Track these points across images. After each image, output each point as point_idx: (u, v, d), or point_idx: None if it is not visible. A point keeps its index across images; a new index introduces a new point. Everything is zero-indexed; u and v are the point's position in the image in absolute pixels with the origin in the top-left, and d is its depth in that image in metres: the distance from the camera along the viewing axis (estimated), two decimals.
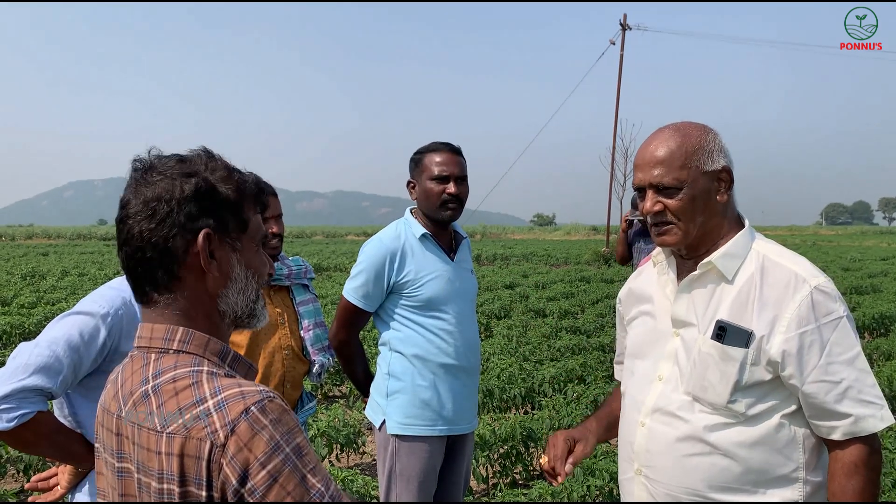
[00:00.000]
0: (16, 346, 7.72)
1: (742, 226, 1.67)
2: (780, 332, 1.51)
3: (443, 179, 2.56)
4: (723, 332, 1.54)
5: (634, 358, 1.77)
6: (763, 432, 1.54)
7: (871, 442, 1.51)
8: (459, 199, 2.59)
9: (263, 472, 0.96)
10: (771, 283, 1.55)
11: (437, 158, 2.58)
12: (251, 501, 0.96)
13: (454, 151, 2.61)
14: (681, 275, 1.70)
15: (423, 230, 2.60)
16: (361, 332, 7.29)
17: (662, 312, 1.71)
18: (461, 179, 2.59)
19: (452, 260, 2.64)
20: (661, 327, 1.71)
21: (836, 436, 1.51)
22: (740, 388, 1.53)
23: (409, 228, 2.62)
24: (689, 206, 1.59)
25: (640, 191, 1.66)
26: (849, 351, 1.51)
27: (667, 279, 1.73)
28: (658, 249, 1.76)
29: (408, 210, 2.73)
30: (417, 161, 2.64)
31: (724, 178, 1.62)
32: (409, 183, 2.68)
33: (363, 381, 2.72)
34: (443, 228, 2.66)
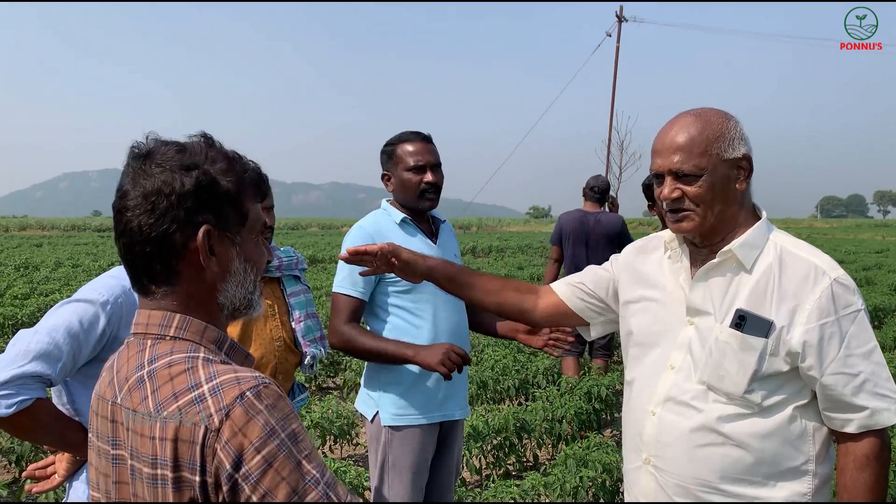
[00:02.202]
0: (9, 337, 7.67)
1: (758, 217, 1.66)
2: (801, 323, 1.50)
3: (419, 169, 2.55)
4: (742, 321, 1.53)
5: (642, 346, 1.75)
6: (776, 424, 1.54)
7: (882, 436, 1.52)
8: (437, 187, 2.59)
9: (258, 457, 0.95)
10: (790, 274, 1.54)
11: (411, 148, 2.57)
12: (246, 487, 0.95)
13: (426, 140, 2.61)
14: (694, 263, 1.68)
15: (403, 214, 2.60)
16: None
17: (674, 301, 1.69)
18: (436, 167, 2.59)
19: (435, 244, 2.64)
20: (672, 316, 1.68)
21: (850, 428, 1.51)
22: (758, 378, 1.53)
23: (388, 216, 2.63)
24: (709, 194, 1.57)
25: (659, 177, 1.64)
26: (866, 344, 1.51)
27: (680, 267, 1.71)
28: (671, 236, 1.74)
29: (384, 200, 2.72)
30: (390, 153, 2.63)
31: (744, 165, 1.60)
32: (383, 176, 2.67)
33: (392, 346, 2.46)
34: (421, 215, 2.66)
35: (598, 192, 5.68)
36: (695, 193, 1.57)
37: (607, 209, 5.85)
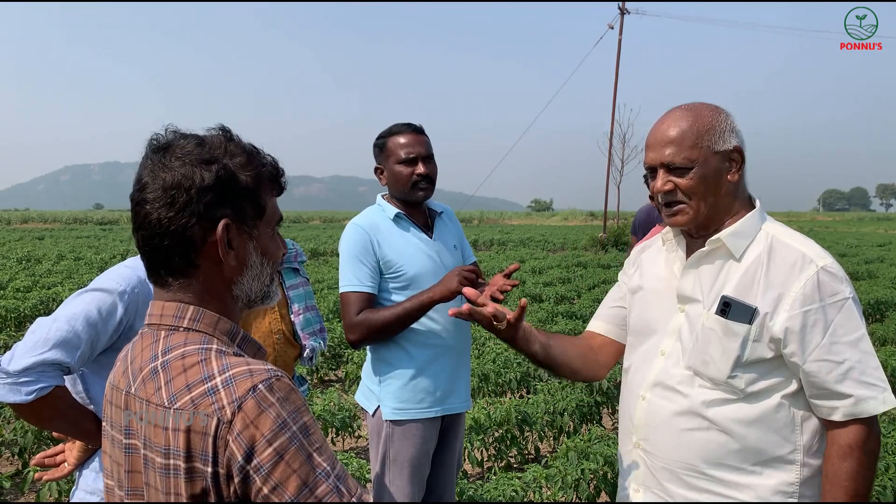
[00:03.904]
0: (11, 330, 7.66)
1: (752, 206, 1.67)
2: (784, 309, 1.52)
3: (410, 161, 2.54)
4: (727, 308, 1.55)
5: (639, 334, 1.78)
6: (761, 411, 1.55)
7: (869, 424, 1.51)
8: (430, 179, 2.57)
9: (270, 450, 0.96)
10: (778, 262, 1.56)
11: (402, 140, 2.56)
12: (257, 478, 0.96)
13: (417, 131, 2.59)
14: (689, 253, 1.70)
15: (397, 210, 2.58)
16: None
17: (669, 289, 1.72)
18: (428, 158, 2.57)
19: (431, 237, 2.63)
20: (666, 304, 1.71)
21: (836, 416, 1.51)
22: (741, 363, 1.54)
23: (382, 211, 2.61)
24: (700, 186, 1.59)
25: (651, 171, 1.66)
26: (853, 332, 1.51)
27: (675, 256, 1.73)
28: (667, 228, 1.76)
29: (379, 196, 2.71)
30: (381, 146, 2.61)
31: (736, 157, 1.62)
32: (376, 169, 2.65)
33: (409, 304, 2.42)
34: (416, 208, 2.64)
35: None
36: (687, 185, 1.60)
37: None
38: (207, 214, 1.07)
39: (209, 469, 0.98)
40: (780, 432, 1.55)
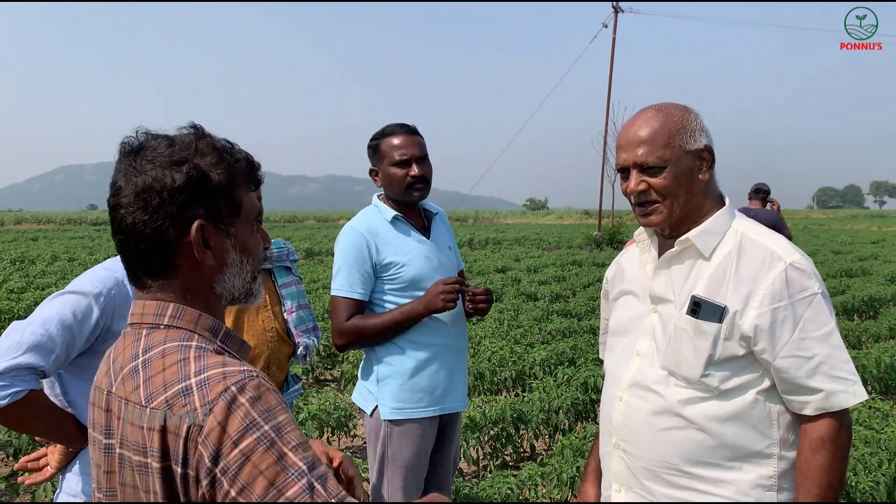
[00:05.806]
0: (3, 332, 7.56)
1: (723, 204, 1.69)
2: (754, 307, 1.53)
3: (404, 163, 2.53)
4: (697, 308, 1.57)
5: (615, 335, 1.80)
6: (737, 407, 1.56)
7: (840, 418, 1.53)
8: (424, 180, 2.56)
9: (236, 451, 0.95)
10: (747, 260, 1.57)
11: (395, 142, 2.55)
12: (224, 481, 0.96)
13: (410, 132, 2.58)
14: (662, 253, 1.72)
15: (394, 212, 2.58)
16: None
17: (643, 290, 1.73)
18: (422, 159, 2.56)
19: (428, 238, 2.63)
20: (641, 305, 1.73)
21: (807, 410, 1.53)
22: (713, 362, 1.56)
23: (379, 213, 2.61)
24: (673, 185, 1.60)
25: (624, 171, 1.68)
26: (822, 327, 1.52)
27: (648, 257, 1.75)
28: (640, 228, 1.78)
29: (375, 196, 2.71)
30: (375, 148, 2.61)
31: (706, 156, 1.64)
32: (371, 171, 2.65)
33: (399, 314, 2.48)
34: (412, 209, 2.64)
35: (762, 193, 7.17)
36: (660, 185, 1.61)
37: (768, 208, 7.21)
38: (181, 216, 1.07)
39: (179, 470, 0.98)
40: (757, 427, 1.57)
